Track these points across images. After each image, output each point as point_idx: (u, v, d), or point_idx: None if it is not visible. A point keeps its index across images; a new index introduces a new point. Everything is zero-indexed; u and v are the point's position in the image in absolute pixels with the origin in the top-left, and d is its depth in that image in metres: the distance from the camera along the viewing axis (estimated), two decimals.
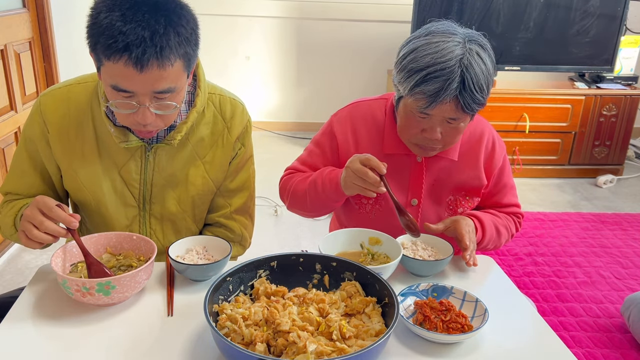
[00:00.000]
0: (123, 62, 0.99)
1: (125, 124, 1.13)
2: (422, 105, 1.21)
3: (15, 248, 2.61)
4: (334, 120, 1.45)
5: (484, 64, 1.20)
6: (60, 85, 1.25)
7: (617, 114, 3.74)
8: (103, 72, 1.05)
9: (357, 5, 4.24)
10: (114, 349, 0.95)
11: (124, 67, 0.99)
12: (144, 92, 1.04)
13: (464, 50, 1.19)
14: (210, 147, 1.28)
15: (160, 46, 0.99)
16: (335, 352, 0.88)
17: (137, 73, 1.00)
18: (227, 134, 1.29)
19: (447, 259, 1.20)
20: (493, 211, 1.45)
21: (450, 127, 1.25)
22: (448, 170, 1.40)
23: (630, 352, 2.03)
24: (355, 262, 1.07)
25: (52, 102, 1.23)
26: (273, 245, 2.72)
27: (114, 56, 0.99)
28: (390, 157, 1.39)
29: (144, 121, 1.08)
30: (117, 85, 1.03)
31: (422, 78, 1.18)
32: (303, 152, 1.50)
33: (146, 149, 1.23)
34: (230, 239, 1.37)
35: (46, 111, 1.22)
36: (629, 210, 3.37)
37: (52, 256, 1.07)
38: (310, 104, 4.59)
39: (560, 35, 3.70)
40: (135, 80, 1.01)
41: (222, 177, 1.33)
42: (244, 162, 1.35)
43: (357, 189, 1.22)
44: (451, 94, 1.17)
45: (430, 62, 1.18)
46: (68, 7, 3.18)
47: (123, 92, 1.04)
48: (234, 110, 1.30)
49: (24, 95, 2.77)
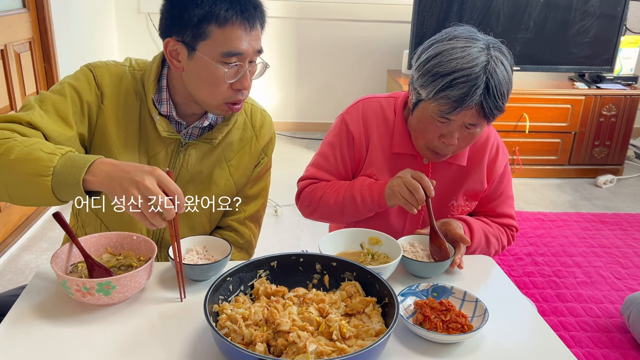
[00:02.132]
0: (238, 23, 1.10)
1: (224, 98, 1.17)
2: (445, 110, 1.20)
3: (16, 248, 2.61)
4: (345, 118, 1.44)
5: (505, 71, 1.20)
6: (112, 63, 1.26)
7: (617, 114, 3.74)
8: (209, 46, 1.11)
9: (357, 5, 4.24)
10: (114, 349, 0.95)
11: (237, 29, 1.10)
12: (249, 51, 1.13)
13: (488, 57, 1.19)
14: (238, 151, 1.32)
15: (260, 10, 1.15)
16: (335, 352, 0.88)
17: (248, 32, 1.12)
18: (255, 141, 1.35)
19: (448, 261, 1.20)
20: (485, 219, 1.44)
21: (468, 132, 1.25)
22: (455, 176, 1.40)
23: (630, 352, 2.03)
24: (355, 262, 1.07)
25: (108, 75, 1.22)
26: (273, 245, 2.72)
27: (231, 20, 1.09)
28: (397, 157, 1.39)
29: (246, 85, 1.17)
30: (231, 50, 1.11)
31: (448, 83, 1.18)
32: (316, 157, 1.48)
33: (180, 144, 1.26)
34: (239, 244, 1.39)
35: (102, 82, 1.21)
36: (628, 210, 3.37)
37: (52, 256, 1.06)
38: (310, 104, 4.59)
39: (560, 35, 3.70)
40: (245, 40, 1.12)
41: (245, 181, 1.37)
42: (264, 172, 1.41)
43: (401, 201, 1.23)
44: (476, 100, 1.17)
45: (457, 67, 1.17)
46: (68, 7, 3.18)
47: (235, 55, 1.12)
48: (263, 120, 1.37)
49: (24, 95, 2.77)
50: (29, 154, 0.96)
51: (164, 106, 1.23)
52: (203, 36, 1.10)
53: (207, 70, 1.13)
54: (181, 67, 1.17)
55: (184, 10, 1.10)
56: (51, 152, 0.96)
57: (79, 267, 1.11)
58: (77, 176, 0.93)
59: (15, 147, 0.98)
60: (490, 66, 1.18)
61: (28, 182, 0.95)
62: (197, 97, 1.19)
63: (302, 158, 3.81)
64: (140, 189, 0.91)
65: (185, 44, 1.12)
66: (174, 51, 1.15)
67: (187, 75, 1.17)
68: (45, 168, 0.94)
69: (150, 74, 1.22)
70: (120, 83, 1.23)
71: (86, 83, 1.20)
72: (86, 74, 1.21)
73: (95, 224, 1.31)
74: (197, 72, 1.15)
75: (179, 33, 1.12)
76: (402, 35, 4.10)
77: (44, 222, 2.85)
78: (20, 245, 2.63)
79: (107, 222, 1.29)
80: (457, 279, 1.23)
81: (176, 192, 0.94)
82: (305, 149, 4.17)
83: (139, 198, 0.91)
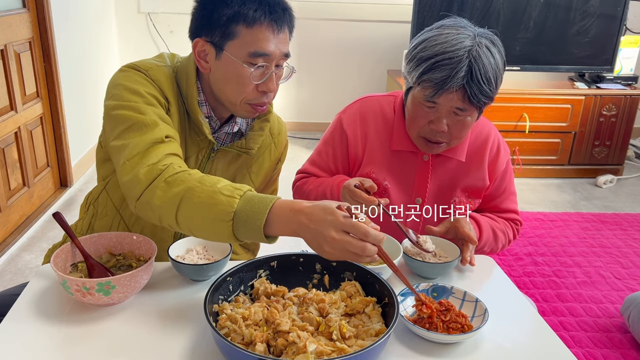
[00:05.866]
0: (266, 25, 1.10)
1: (249, 98, 1.16)
2: (429, 94, 1.22)
3: (16, 248, 2.61)
4: (342, 117, 1.45)
5: (492, 58, 1.21)
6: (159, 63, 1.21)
7: (617, 114, 3.74)
8: (236, 46, 1.11)
9: (357, 5, 4.24)
10: (114, 349, 0.95)
11: (265, 30, 1.11)
12: (276, 54, 1.13)
13: (473, 43, 1.20)
14: (258, 158, 1.34)
15: (289, 12, 1.16)
16: (335, 352, 0.88)
17: (275, 34, 1.12)
18: (274, 148, 1.37)
19: (454, 262, 1.19)
20: (491, 215, 1.45)
21: (457, 119, 1.26)
22: (455, 171, 1.40)
23: (630, 352, 2.03)
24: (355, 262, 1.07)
25: (165, 79, 1.19)
26: (273, 245, 2.71)
27: (259, 20, 1.09)
28: (397, 154, 1.40)
29: (272, 88, 1.17)
30: (258, 50, 1.11)
31: (429, 66, 1.20)
32: (312, 153, 1.51)
33: (212, 149, 1.26)
34: (246, 244, 1.40)
35: (162, 85, 1.17)
36: (628, 210, 3.37)
37: (52, 256, 1.06)
38: (310, 104, 4.59)
39: (560, 35, 3.70)
40: (272, 42, 1.12)
41: (262, 187, 1.41)
42: (276, 176, 1.44)
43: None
44: (458, 82, 1.18)
45: (439, 50, 1.20)
46: (68, 7, 3.18)
47: (261, 56, 1.12)
48: (280, 127, 1.40)
49: (24, 95, 2.77)
50: (210, 198, 0.95)
51: (204, 108, 1.23)
52: (231, 36, 1.11)
53: (234, 70, 1.13)
54: (209, 68, 1.17)
55: (214, 10, 1.11)
56: (230, 194, 0.95)
57: (79, 267, 1.11)
58: (259, 224, 0.91)
59: (195, 188, 0.97)
60: (475, 50, 1.19)
61: (211, 226, 0.95)
62: (223, 97, 1.19)
63: (302, 158, 3.78)
64: (331, 244, 0.86)
65: (214, 44, 1.13)
66: (203, 52, 1.16)
67: (214, 76, 1.18)
68: (226, 214, 0.93)
69: (190, 75, 1.20)
70: (172, 84, 1.21)
71: (147, 84, 1.15)
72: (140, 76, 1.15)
73: (110, 217, 1.28)
74: (224, 71, 1.15)
75: (208, 33, 1.13)
76: (402, 35, 4.10)
77: (44, 222, 2.85)
78: (20, 245, 2.63)
79: (127, 218, 1.27)
80: (457, 279, 1.23)
81: (365, 231, 0.85)
82: (305, 148, 4.16)
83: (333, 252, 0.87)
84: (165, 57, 1.25)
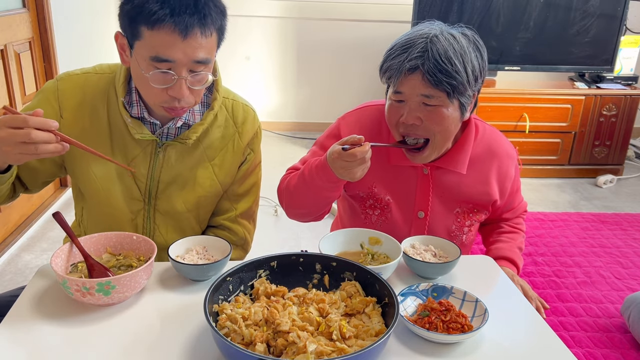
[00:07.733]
0: (168, 28, 1.01)
1: (158, 101, 1.12)
2: (392, 85, 1.23)
3: (15, 248, 2.61)
4: (341, 123, 1.42)
5: (456, 42, 1.19)
6: (79, 72, 1.25)
7: (617, 114, 3.74)
8: (141, 47, 1.05)
9: (357, 5, 4.24)
10: (114, 349, 0.95)
11: (168, 34, 1.01)
12: (184, 61, 1.05)
13: (436, 32, 1.20)
14: (220, 150, 1.29)
15: (204, 14, 1.03)
16: (335, 352, 0.88)
17: (181, 40, 1.02)
18: (237, 139, 1.31)
19: (454, 262, 1.19)
20: (509, 230, 1.51)
21: (429, 110, 1.22)
22: (455, 183, 1.37)
23: (630, 352, 2.03)
24: (355, 262, 1.07)
25: (71, 87, 1.21)
26: (273, 245, 2.72)
27: (159, 23, 1.00)
28: (397, 169, 1.37)
29: (179, 94, 1.08)
30: (159, 55, 1.04)
31: (388, 54, 1.23)
32: (307, 154, 1.47)
33: (157, 145, 1.24)
34: (233, 242, 1.37)
35: (64, 96, 1.21)
36: (628, 210, 3.37)
37: (52, 256, 1.06)
38: (310, 104, 4.59)
39: (560, 35, 3.70)
40: (178, 48, 1.03)
41: (230, 180, 1.34)
42: (252, 168, 1.36)
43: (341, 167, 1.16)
44: (412, 62, 1.17)
45: (399, 41, 1.22)
46: (68, 7, 3.18)
47: (164, 62, 1.04)
48: (245, 116, 1.32)
49: (24, 95, 2.77)
50: None
51: (135, 108, 1.20)
52: (137, 35, 1.05)
53: (140, 70, 1.09)
54: (128, 62, 1.14)
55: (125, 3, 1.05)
56: None
57: (79, 267, 1.11)
58: None
59: None
60: (433, 35, 1.19)
61: None
62: (142, 95, 1.17)
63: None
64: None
65: (127, 40, 1.09)
66: (123, 45, 1.12)
67: (131, 72, 1.15)
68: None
69: (120, 76, 1.19)
70: (84, 92, 1.21)
71: (46, 101, 1.21)
72: (51, 90, 1.22)
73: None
74: (134, 70, 1.12)
75: (122, 28, 1.09)
76: None
77: (44, 222, 2.85)
78: (20, 245, 2.63)
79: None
80: (457, 279, 1.23)
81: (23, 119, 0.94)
82: (305, 149, 4.16)
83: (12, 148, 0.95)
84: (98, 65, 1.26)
